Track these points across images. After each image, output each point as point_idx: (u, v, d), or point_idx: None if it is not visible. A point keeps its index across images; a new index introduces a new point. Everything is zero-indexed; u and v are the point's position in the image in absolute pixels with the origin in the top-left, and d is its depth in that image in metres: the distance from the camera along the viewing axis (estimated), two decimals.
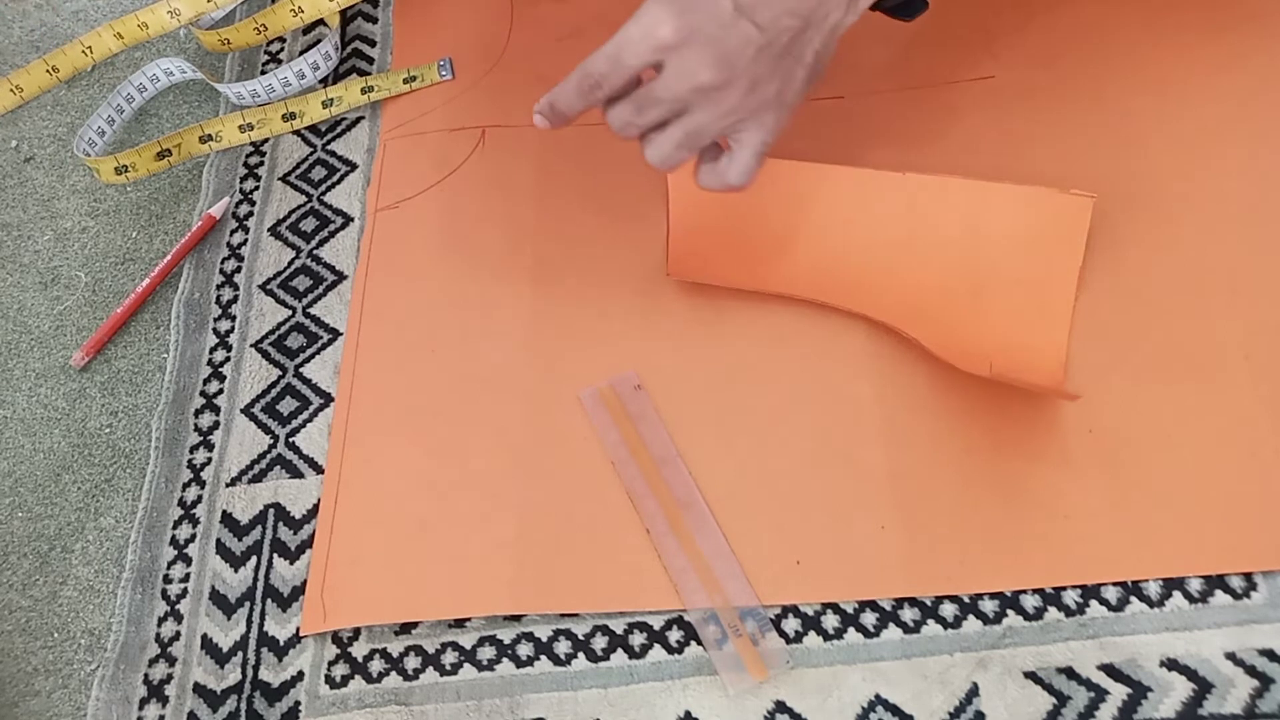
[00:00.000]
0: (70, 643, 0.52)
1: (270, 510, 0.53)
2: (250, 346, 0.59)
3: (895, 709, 0.45)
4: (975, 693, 0.44)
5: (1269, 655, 0.44)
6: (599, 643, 0.48)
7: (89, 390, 0.59)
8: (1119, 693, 0.44)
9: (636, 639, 0.48)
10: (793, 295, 0.54)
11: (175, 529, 0.54)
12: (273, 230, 0.63)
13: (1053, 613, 0.46)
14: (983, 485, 0.48)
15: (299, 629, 0.50)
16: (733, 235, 0.54)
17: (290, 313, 0.60)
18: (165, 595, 0.52)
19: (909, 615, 0.46)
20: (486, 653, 0.48)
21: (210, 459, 0.56)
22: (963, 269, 0.52)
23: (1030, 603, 0.46)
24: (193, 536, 0.53)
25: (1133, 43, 0.59)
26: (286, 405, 0.56)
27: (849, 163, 0.53)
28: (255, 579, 0.52)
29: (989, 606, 0.46)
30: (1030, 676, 0.44)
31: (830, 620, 0.47)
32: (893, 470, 0.49)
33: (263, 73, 0.69)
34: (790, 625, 0.47)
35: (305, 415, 0.56)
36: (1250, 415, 0.48)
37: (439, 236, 0.60)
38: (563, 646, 0.48)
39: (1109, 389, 0.49)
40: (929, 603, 0.47)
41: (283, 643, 0.50)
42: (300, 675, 0.49)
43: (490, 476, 0.52)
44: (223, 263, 0.62)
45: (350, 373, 0.56)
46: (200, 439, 0.56)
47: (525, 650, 0.48)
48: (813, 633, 0.47)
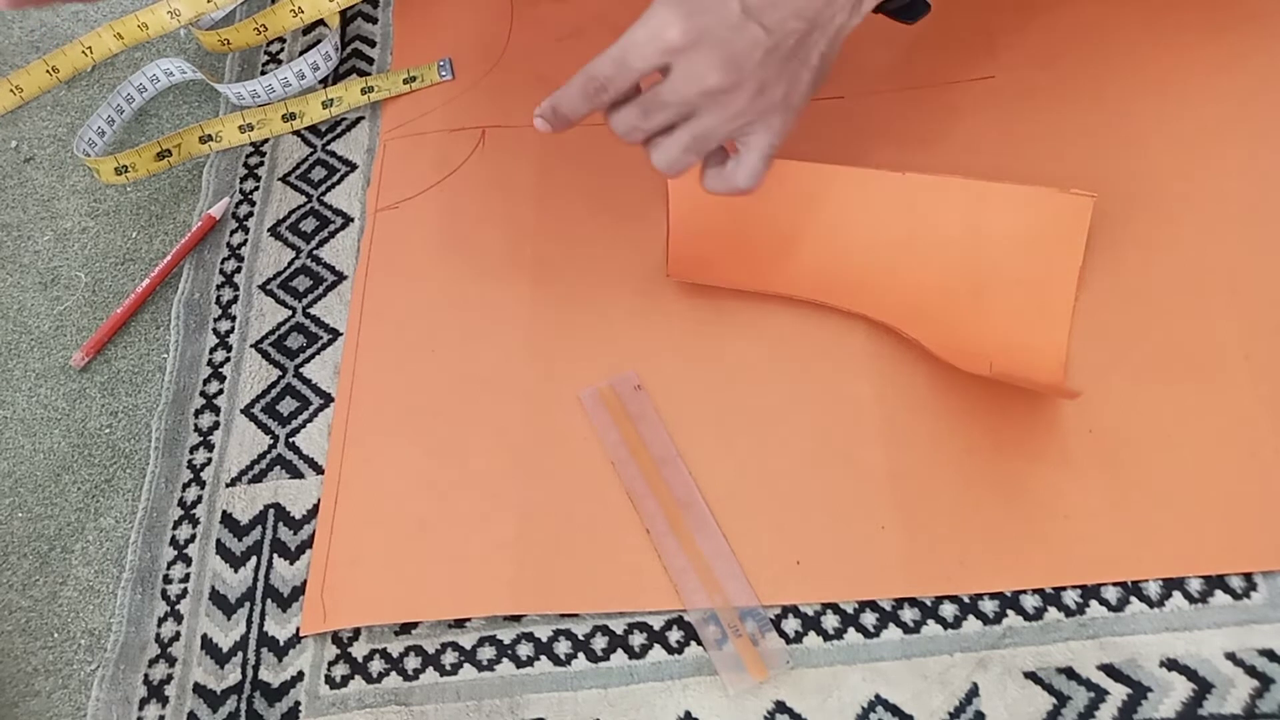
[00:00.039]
0: (70, 643, 0.52)
1: (270, 510, 0.53)
2: (250, 347, 0.59)
3: (895, 709, 0.45)
4: (975, 693, 0.44)
5: (1269, 655, 0.44)
6: (599, 643, 0.48)
7: (89, 390, 0.59)
8: (1119, 693, 0.44)
9: (636, 639, 0.48)
10: (793, 295, 0.54)
11: (175, 529, 0.54)
12: (273, 230, 0.63)
13: (1053, 613, 0.46)
14: (983, 485, 0.48)
15: (299, 629, 0.50)
16: (733, 236, 0.54)
17: (290, 313, 0.60)
18: (165, 595, 0.52)
19: (909, 615, 0.46)
20: (486, 653, 0.48)
21: (210, 459, 0.56)
22: (963, 269, 0.52)
23: (1030, 603, 0.46)
24: (193, 536, 0.53)
25: (1133, 43, 0.59)
26: (286, 405, 0.56)
27: (849, 163, 0.53)
28: (255, 579, 0.52)
29: (989, 606, 0.46)
30: (1030, 676, 0.44)
31: (830, 620, 0.47)
32: (893, 470, 0.49)
33: (263, 73, 0.69)
34: (790, 625, 0.47)
35: (305, 415, 0.56)
36: (1250, 415, 0.48)
37: (439, 236, 0.60)
38: (563, 646, 0.48)
39: (1109, 389, 0.49)
40: (929, 603, 0.47)
41: (283, 643, 0.50)
42: (300, 675, 0.49)
43: (490, 476, 0.52)
44: (223, 263, 0.62)
45: (350, 373, 0.56)
46: (200, 439, 0.56)
47: (525, 650, 0.48)
48: (813, 633, 0.47)
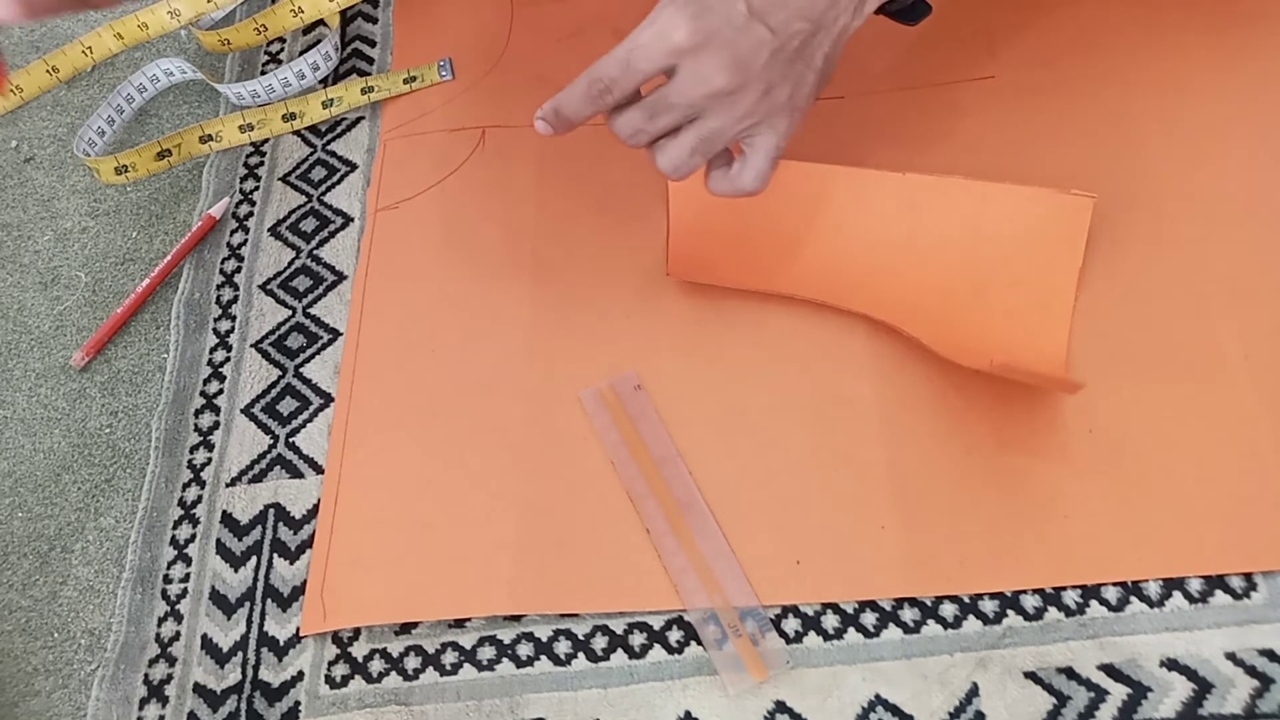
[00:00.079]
0: (70, 643, 0.52)
1: (270, 510, 0.53)
2: (250, 346, 0.59)
3: (895, 709, 0.45)
4: (975, 693, 0.44)
5: (1269, 655, 0.44)
6: (599, 643, 0.48)
7: (89, 390, 0.59)
8: (1119, 693, 0.44)
9: (636, 639, 0.48)
10: (793, 295, 0.53)
11: (175, 529, 0.54)
12: (273, 230, 0.63)
13: (1053, 613, 0.46)
14: (983, 485, 0.48)
15: (299, 629, 0.50)
16: (733, 235, 0.54)
17: (290, 313, 0.60)
18: (165, 595, 0.52)
19: (909, 615, 0.46)
20: (486, 653, 0.48)
21: (210, 459, 0.56)
22: (963, 269, 0.52)
23: (1030, 603, 0.46)
24: (193, 536, 0.53)
25: (1133, 43, 0.59)
26: (286, 405, 0.56)
27: (850, 163, 0.53)
28: (255, 579, 0.52)
29: (989, 606, 0.46)
30: (1030, 676, 0.44)
31: (830, 620, 0.47)
32: (893, 470, 0.49)
33: (263, 73, 0.69)
34: (790, 625, 0.47)
35: (305, 415, 0.56)
36: (1250, 415, 0.48)
37: (439, 236, 0.60)
38: (563, 646, 0.48)
39: (1109, 389, 0.49)
40: (929, 603, 0.47)
41: (283, 643, 0.50)
42: (300, 675, 0.49)
43: (490, 476, 0.52)
44: (223, 263, 0.62)
45: (350, 373, 0.56)
46: (200, 439, 0.56)
47: (525, 650, 0.48)
48: (813, 633, 0.47)
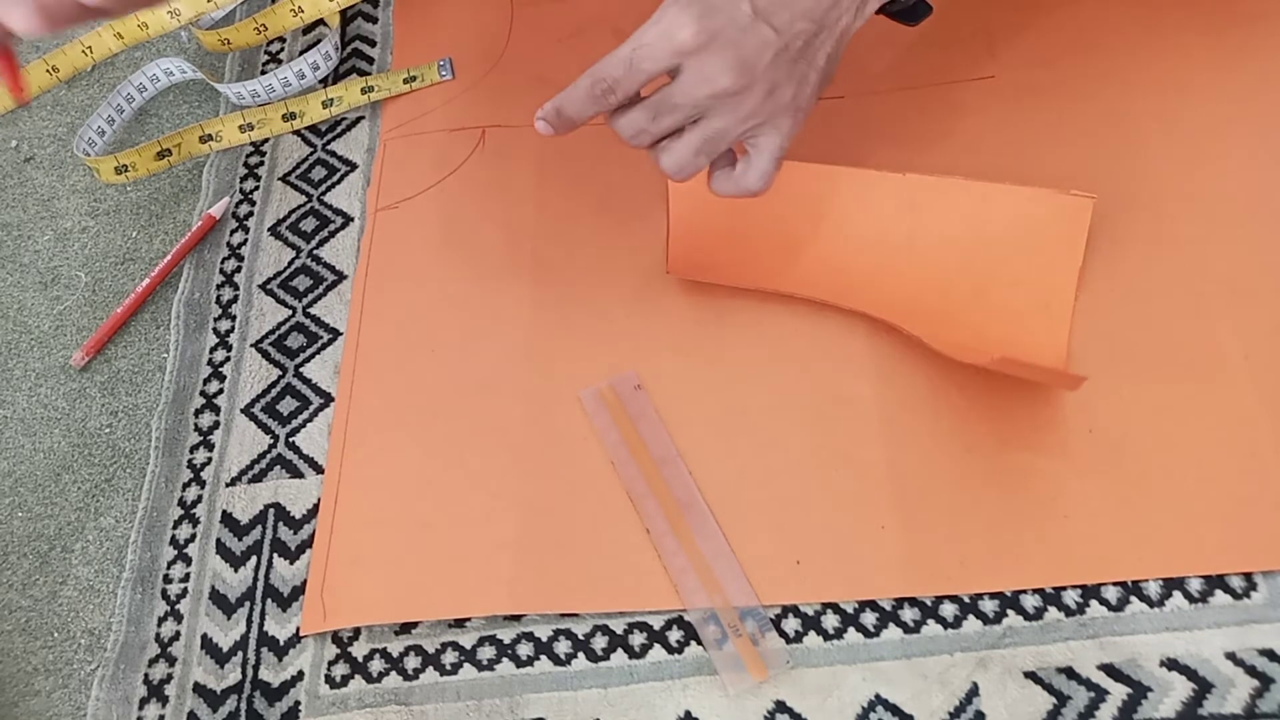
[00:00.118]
0: (70, 643, 0.52)
1: (270, 510, 0.53)
2: (250, 346, 0.59)
3: (895, 709, 0.45)
4: (975, 693, 0.44)
5: (1269, 655, 0.44)
6: (599, 643, 0.48)
7: (89, 390, 0.59)
8: (1119, 693, 0.44)
9: (636, 639, 0.48)
10: (793, 295, 0.53)
11: (175, 529, 0.54)
12: (273, 230, 0.63)
13: (1053, 613, 0.46)
14: (983, 485, 0.48)
15: (299, 629, 0.50)
16: (733, 233, 0.54)
17: (290, 313, 0.60)
18: (165, 595, 0.52)
19: (909, 615, 0.46)
20: (486, 653, 0.48)
21: (210, 459, 0.56)
22: (963, 269, 0.52)
23: (1030, 603, 0.46)
24: (193, 536, 0.53)
25: (1133, 43, 0.59)
26: (286, 405, 0.56)
27: (850, 163, 0.53)
28: (255, 579, 0.52)
29: (989, 606, 0.46)
30: (1030, 676, 0.44)
31: (830, 620, 0.47)
32: (893, 470, 0.49)
33: (263, 73, 0.69)
34: (790, 625, 0.47)
35: (305, 415, 0.56)
36: (1250, 415, 0.48)
37: (439, 236, 0.60)
38: (563, 646, 0.48)
39: (1109, 389, 0.49)
40: (929, 603, 0.47)
41: (283, 642, 0.50)
42: (300, 675, 0.49)
43: (490, 476, 0.52)
44: (223, 263, 0.62)
45: (350, 373, 0.56)
46: (200, 439, 0.56)
47: (525, 650, 0.48)
48: (813, 633, 0.47)
